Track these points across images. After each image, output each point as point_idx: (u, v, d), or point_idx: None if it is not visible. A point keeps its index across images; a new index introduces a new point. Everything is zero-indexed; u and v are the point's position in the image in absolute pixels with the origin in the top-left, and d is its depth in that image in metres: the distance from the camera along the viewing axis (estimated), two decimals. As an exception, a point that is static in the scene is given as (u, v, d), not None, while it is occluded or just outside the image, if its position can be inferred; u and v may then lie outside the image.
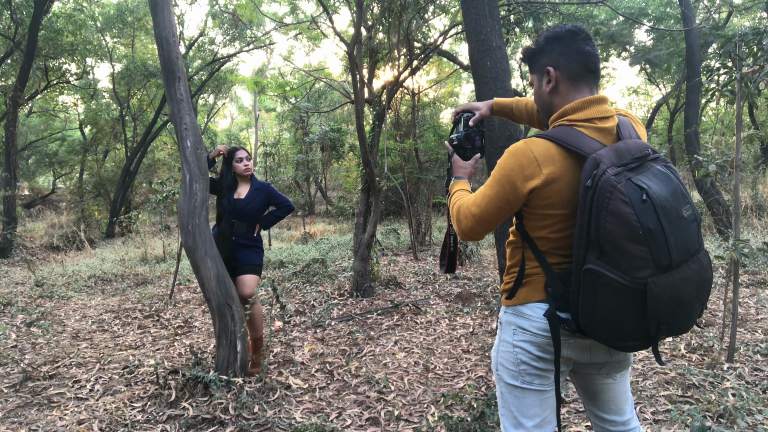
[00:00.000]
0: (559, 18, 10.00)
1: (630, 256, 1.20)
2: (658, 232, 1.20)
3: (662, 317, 1.24)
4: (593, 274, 1.23)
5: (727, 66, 3.38)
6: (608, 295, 1.22)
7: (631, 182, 1.21)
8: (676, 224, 1.23)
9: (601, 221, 1.20)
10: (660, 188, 1.23)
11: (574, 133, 1.33)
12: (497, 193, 1.37)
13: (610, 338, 1.29)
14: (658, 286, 1.21)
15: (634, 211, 1.19)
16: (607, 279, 1.21)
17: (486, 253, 7.76)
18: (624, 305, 1.23)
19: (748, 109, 11.97)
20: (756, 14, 14.51)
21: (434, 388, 3.18)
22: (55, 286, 6.76)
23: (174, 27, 3.53)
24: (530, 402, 1.44)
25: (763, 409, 2.56)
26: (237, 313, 3.31)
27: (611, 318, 1.25)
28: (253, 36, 15.24)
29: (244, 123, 30.94)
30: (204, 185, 3.41)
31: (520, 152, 1.33)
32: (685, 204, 1.27)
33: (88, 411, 2.98)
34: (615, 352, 1.44)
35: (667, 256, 1.21)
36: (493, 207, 1.38)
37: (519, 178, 1.32)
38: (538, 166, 1.30)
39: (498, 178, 1.37)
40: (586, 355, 1.42)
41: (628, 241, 1.19)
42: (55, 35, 11.55)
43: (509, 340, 1.46)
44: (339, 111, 18.71)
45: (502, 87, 3.54)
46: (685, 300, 1.26)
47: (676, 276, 1.23)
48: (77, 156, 16.56)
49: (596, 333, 1.29)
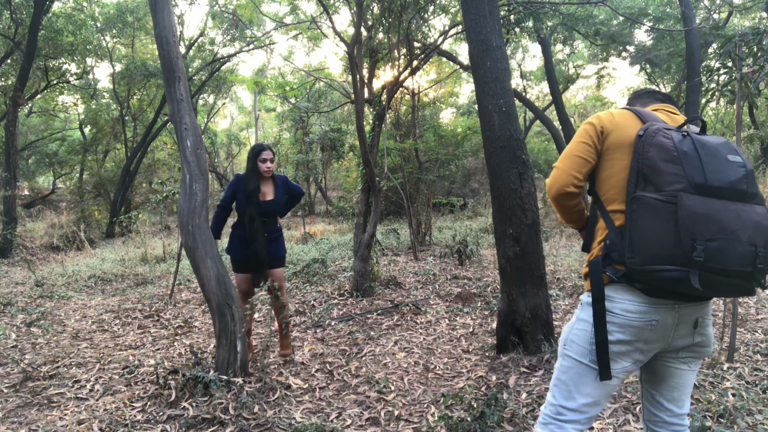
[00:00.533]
0: (560, 18, 10.00)
1: (665, 174, 1.34)
2: (693, 155, 1.33)
3: (697, 233, 1.26)
4: (636, 200, 1.37)
5: (727, 66, 3.38)
6: (647, 215, 1.33)
7: (677, 132, 1.40)
8: (716, 158, 1.34)
9: (645, 152, 1.39)
10: (706, 139, 1.39)
11: (647, 111, 1.57)
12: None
13: (648, 262, 1.32)
14: (690, 200, 1.29)
15: (673, 141, 1.37)
16: (645, 200, 1.34)
17: (486, 253, 7.76)
18: (660, 221, 1.31)
19: (748, 109, 11.97)
20: (756, 14, 14.51)
21: (434, 388, 3.18)
22: (55, 286, 6.76)
23: (174, 27, 3.53)
24: (589, 381, 1.48)
25: (763, 409, 2.56)
26: (237, 313, 3.31)
27: (649, 237, 1.32)
28: (253, 36, 15.24)
29: (244, 123, 30.94)
30: (204, 185, 3.41)
31: (603, 112, 1.59)
32: (734, 153, 1.38)
33: (88, 411, 2.98)
34: (698, 333, 1.47)
35: (701, 176, 1.31)
36: (577, 148, 1.58)
37: (600, 126, 1.56)
38: (612, 119, 1.55)
39: (582, 128, 1.59)
40: (669, 335, 1.44)
41: (664, 162, 1.35)
42: (55, 35, 11.54)
43: (587, 319, 1.49)
44: (339, 111, 18.70)
45: (502, 87, 3.54)
46: (727, 227, 1.27)
47: (715, 202, 1.30)
48: (77, 156, 16.55)
49: (636, 259, 1.33)
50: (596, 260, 1.46)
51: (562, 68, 17.22)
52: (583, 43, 15.34)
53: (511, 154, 3.48)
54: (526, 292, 3.48)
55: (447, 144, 16.56)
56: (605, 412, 2.66)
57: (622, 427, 2.54)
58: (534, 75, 19.82)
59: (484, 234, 9.43)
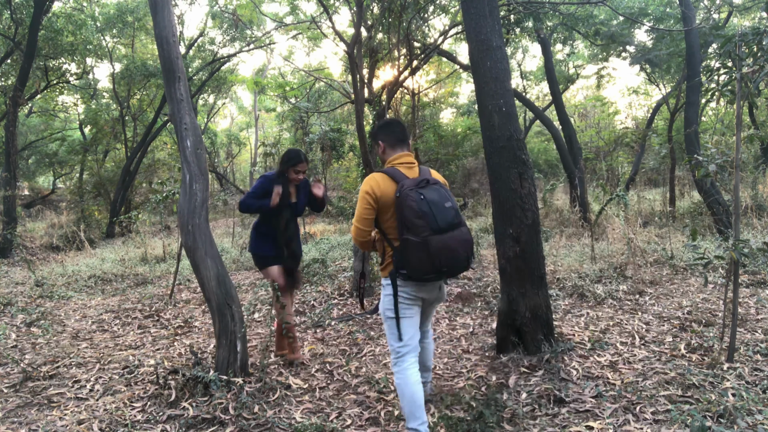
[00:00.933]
0: (559, 18, 9.99)
1: (417, 226, 2.33)
2: (429, 213, 2.34)
3: (441, 260, 2.35)
4: (405, 240, 2.36)
5: (727, 66, 3.37)
6: (412, 249, 2.35)
7: (416, 191, 2.38)
8: (440, 208, 2.38)
9: (402, 211, 2.36)
10: (432, 194, 2.40)
11: (396, 170, 2.54)
12: (363, 204, 2.51)
13: (420, 275, 2.39)
14: (434, 241, 2.33)
15: (417, 204, 2.35)
16: (410, 241, 2.34)
17: (486, 253, 7.76)
18: (421, 253, 2.34)
19: (748, 109, 11.97)
20: (756, 14, 14.52)
21: (434, 388, 3.18)
22: (55, 286, 6.76)
23: (174, 27, 3.53)
24: (407, 324, 2.52)
25: (763, 409, 2.56)
26: (237, 313, 3.31)
27: (417, 262, 2.36)
28: (253, 36, 15.24)
29: (244, 123, 30.95)
30: (204, 185, 3.41)
31: (371, 178, 2.52)
32: (447, 201, 2.42)
33: (88, 411, 2.98)
34: (440, 292, 2.63)
35: (435, 225, 2.34)
36: (364, 212, 2.50)
37: (373, 193, 2.49)
38: (378, 186, 2.48)
39: (362, 195, 2.51)
40: (430, 294, 2.58)
41: (415, 218, 2.34)
42: (55, 35, 11.54)
43: (390, 293, 2.53)
44: (339, 111, 18.71)
45: (502, 87, 3.54)
46: (453, 249, 2.37)
47: (445, 236, 2.36)
48: (77, 156, 16.55)
49: (414, 273, 2.39)
50: (393, 271, 2.49)
51: (562, 68, 17.22)
52: (583, 43, 15.33)
53: (511, 154, 3.48)
54: (526, 292, 3.48)
55: (447, 144, 16.56)
56: (605, 412, 2.66)
57: (622, 427, 2.54)
58: (534, 75, 19.82)
59: (484, 234, 9.42)
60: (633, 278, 5.46)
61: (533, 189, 3.54)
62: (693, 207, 9.95)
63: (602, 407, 2.74)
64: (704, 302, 4.55)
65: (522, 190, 3.47)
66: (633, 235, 6.26)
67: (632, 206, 9.97)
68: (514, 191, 3.47)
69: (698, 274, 5.53)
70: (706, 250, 3.78)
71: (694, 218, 9.15)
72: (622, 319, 4.26)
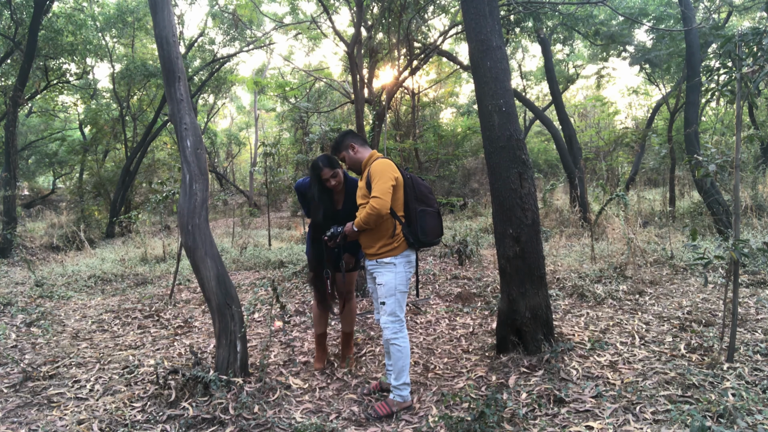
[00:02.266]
0: (559, 18, 10.00)
1: (430, 199, 3.00)
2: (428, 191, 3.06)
3: (441, 227, 3.05)
4: (422, 210, 2.93)
5: (727, 66, 3.37)
6: (429, 217, 2.94)
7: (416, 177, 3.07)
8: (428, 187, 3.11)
9: (419, 187, 2.98)
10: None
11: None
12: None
13: (431, 239, 2.96)
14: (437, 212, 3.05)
15: (423, 182, 3.05)
16: (427, 210, 2.95)
17: (486, 253, 7.76)
18: (434, 221, 2.98)
19: (748, 109, 11.97)
20: (756, 14, 14.52)
21: (434, 388, 3.18)
22: (55, 286, 6.76)
23: (174, 27, 3.53)
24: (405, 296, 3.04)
25: (763, 409, 2.56)
26: (237, 313, 3.31)
27: (432, 228, 2.95)
28: (253, 36, 15.24)
29: (244, 123, 30.93)
30: (204, 185, 3.41)
31: (388, 164, 2.94)
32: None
33: (88, 411, 2.98)
34: None
35: (435, 201, 3.03)
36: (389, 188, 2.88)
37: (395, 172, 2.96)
38: (395, 169, 2.98)
39: (388, 174, 2.90)
40: None
41: (429, 193, 3.02)
42: (55, 35, 11.55)
43: (402, 270, 2.97)
44: (339, 111, 18.71)
45: (502, 87, 3.54)
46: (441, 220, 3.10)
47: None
48: (77, 156, 16.56)
49: (426, 238, 2.92)
50: (406, 247, 2.98)
51: (562, 68, 17.22)
52: (583, 43, 15.34)
53: (511, 154, 3.48)
54: (526, 292, 3.48)
55: (447, 144, 16.58)
56: (605, 412, 2.66)
57: (622, 427, 2.54)
58: (534, 75, 19.83)
59: (484, 234, 9.43)
60: (633, 278, 5.46)
61: (533, 189, 3.54)
62: (693, 207, 9.96)
63: (602, 407, 2.74)
64: (704, 302, 4.55)
65: (522, 190, 3.47)
66: (633, 235, 6.26)
67: (632, 206, 9.97)
68: (514, 191, 3.47)
69: (698, 274, 5.53)
70: (706, 250, 3.77)
71: (694, 218, 9.15)
72: (622, 319, 4.26)
